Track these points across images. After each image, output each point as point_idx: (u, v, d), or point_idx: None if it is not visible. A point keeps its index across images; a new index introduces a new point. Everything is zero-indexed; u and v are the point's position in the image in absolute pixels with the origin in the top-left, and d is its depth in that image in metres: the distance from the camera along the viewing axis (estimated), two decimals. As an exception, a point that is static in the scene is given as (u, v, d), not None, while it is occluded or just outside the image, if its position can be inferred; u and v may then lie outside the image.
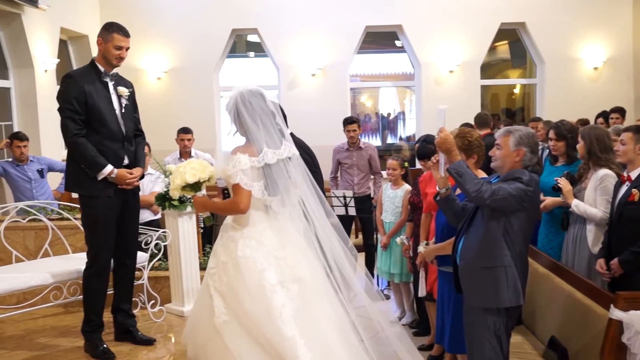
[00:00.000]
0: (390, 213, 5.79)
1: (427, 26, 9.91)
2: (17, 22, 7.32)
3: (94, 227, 4.26)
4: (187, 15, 9.64)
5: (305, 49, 9.84)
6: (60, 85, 4.21)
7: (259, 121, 3.42)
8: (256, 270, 3.31)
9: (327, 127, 9.64)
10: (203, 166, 3.64)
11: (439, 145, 3.42)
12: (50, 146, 7.90)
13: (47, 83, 7.92)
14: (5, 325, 5.06)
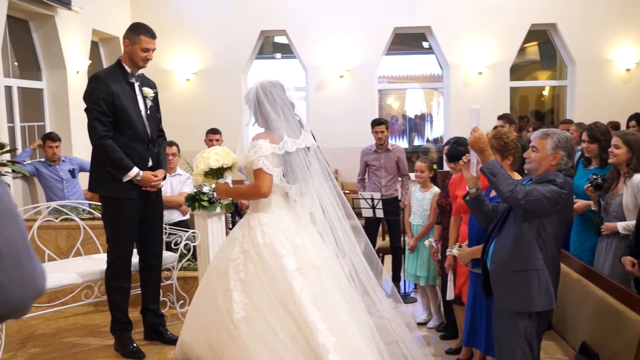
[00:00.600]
0: (419, 215, 5.76)
1: (456, 27, 9.85)
2: (51, 24, 7.42)
3: (116, 229, 4.28)
4: (216, 17, 9.71)
5: (334, 51, 9.84)
6: (88, 86, 4.22)
7: (280, 111, 3.51)
8: (276, 256, 3.37)
9: (354, 128, 9.65)
10: (226, 152, 3.70)
11: (473, 144, 3.39)
12: (81, 146, 7.99)
13: (78, 84, 8.03)
14: (37, 323, 5.13)
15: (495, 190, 3.29)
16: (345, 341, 3.30)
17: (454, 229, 4.71)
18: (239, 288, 3.39)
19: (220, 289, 3.47)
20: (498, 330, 3.47)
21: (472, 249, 4.06)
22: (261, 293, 3.35)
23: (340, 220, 3.63)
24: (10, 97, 6.96)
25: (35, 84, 7.62)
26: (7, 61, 6.78)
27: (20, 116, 7.25)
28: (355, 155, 7.61)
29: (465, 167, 3.63)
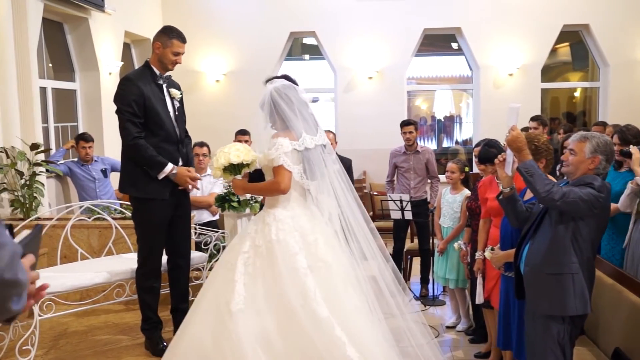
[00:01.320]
0: (449, 218, 5.73)
1: (487, 28, 9.76)
2: (84, 26, 7.54)
3: (147, 229, 4.33)
4: (246, 18, 9.76)
5: (363, 52, 9.82)
6: (119, 88, 4.27)
7: (297, 110, 3.60)
8: (289, 254, 3.38)
9: (383, 130, 9.63)
10: (247, 149, 3.75)
11: (510, 144, 3.37)
12: (113, 147, 8.11)
13: (111, 85, 8.12)
14: (70, 320, 5.22)
15: (532, 190, 3.26)
16: (354, 340, 3.28)
17: (483, 232, 4.67)
18: (244, 281, 3.39)
19: (225, 278, 3.47)
20: (530, 334, 3.43)
21: (505, 252, 4.02)
22: (264, 289, 3.36)
23: (358, 221, 3.66)
24: (45, 98, 7.08)
25: (68, 85, 7.74)
26: (42, 63, 6.91)
27: (54, 117, 7.38)
28: (384, 157, 7.59)
29: (500, 165, 3.60)
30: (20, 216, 5.82)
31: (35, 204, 5.85)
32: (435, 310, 6.32)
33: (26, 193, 5.79)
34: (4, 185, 5.76)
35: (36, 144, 5.89)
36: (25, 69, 6.09)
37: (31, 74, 6.15)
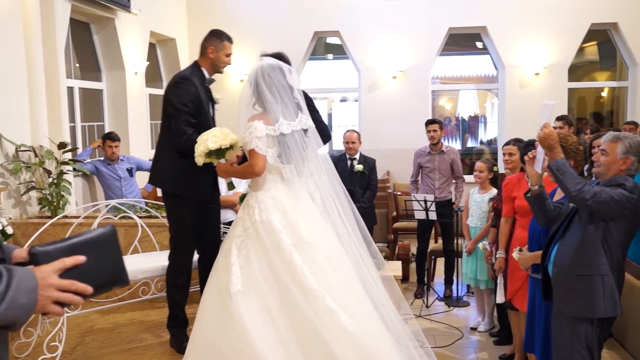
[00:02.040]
0: (476, 218, 5.68)
1: (513, 27, 9.66)
2: (111, 26, 7.61)
3: (182, 227, 4.36)
4: (270, 18, 9.78)
5: (387, 51, 9.79)
6: (176, 86, 4.25)
7: (277, 93, 3.61)
8: (273, 232, 3.44)
9: (407, 130, 9.59)
10: (224, 134, 3.78)
11: (542, 141, 3.34)
12: (138, 146, 8.20)
13: (136, 85, 8.21)
14: (96, 317, 5.27)
15: (562, 189, 3.23)
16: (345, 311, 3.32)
17: (505, 231, 4.64)
18: (240, 263, 3.46)
19: (224, 264, 3.55)
20: (557, 335, 3.39)
21: (534, 253, 3.98)
22: (259, 268, 3.42)
23: (337, 206, 3.71)
24: (72, 98, 7.17)
25: (95, 85, 7.82)
26: (69, 63, 6.99)
27: (80, 116, 7.46)
28: (408, 157, 7.56)
29: (530, 163, 3.57)
30: (47, 214, 5.90)
31: (62, 202, 5.92)
32: (459, 311, 6.29)
33: (54, 191, 5.87)
34: (32, 183, 5.84)
35: (64, 143, 5.96)
36: (53, 69, 6.17)
37: (59, 74, 6.23)
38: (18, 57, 5.76)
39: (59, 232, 5.55)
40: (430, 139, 6.87)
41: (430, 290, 6.63)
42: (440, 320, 5.94)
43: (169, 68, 9.68)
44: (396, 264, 5.68)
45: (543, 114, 3.45)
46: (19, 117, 5.82)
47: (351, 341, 3.24)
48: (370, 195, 6.68)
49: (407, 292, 6.86)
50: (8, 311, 1.29)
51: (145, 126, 8.66)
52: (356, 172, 6.62)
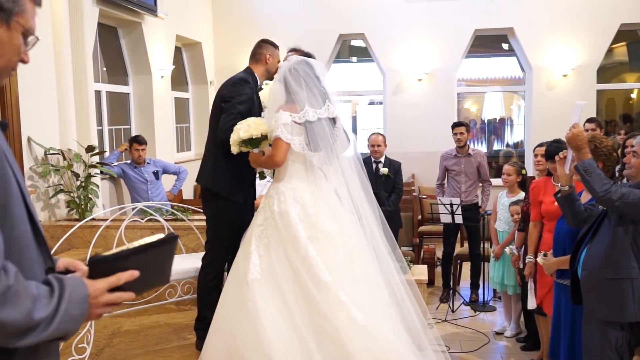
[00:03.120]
0: (504, 222, 5.62)
1: (540, 29, 9.54)
2: (138, 30, 7.68)
3: (222, 229, 4.37)
4: (295, 21, 9.78)
5: (412, 54, 9.73)
6: (234, 86, 4.32)
7: (303, 83, 3.68)
8: (290, 224, 3.49)
9: (432, 132, 9.53)
10: (257, 124, 3.85)
11: (570, 141, 3.31)
12: (164, 149, 8.26)
13: (163, 89, 8.28)
14: (123, 320, 5.31)
15: (589, 189, 3.19)
16: (357, 305, 3.36)
17: (534, 235, 4.59)
18: (259, 252, 3.52)
19: (244, 252, 3.62)
20: (587, 340, 3.34)
21: (558, 259, 3.93)
22: (276, 258, 3.48)
23: (362, 205, 3.73)
24: (100, 102, 7.24)
25: (122, 89, 7.90)
26: (97, 67, 7.06)
27: (108, 119, 7.54)
28: (433, 160, 7.52)
29: (560, 163, 3.53)
30: (76, 217, 5.96)
31: (90, 205, 5.98)
32: (485, 316, 6.22)
33: (82, 194, 5.93)
34: (61, 186, 5.91)
35: (92, 146, 6.03)
36: (81, 73, 6.24)
37: (87, 78, 6.30)
38: (47, 62, 5.83)
39: (86, 234, 5.61)
40: (457, 141, 6.81)
41: (456, 295, 6.57)
42: (466, 325, 5.89)
43: (195, 71, 9.74)
44: (422, 267, 5.65)
45: (574, 114, 3.43)
46: (48, 121, 5.89)
47: (362, 335, 3.28)
48: (396, 198, 6.65)
49: (433, 297, 6.81)
50: (62, 324, 1.29)
51: (171, 129, 8.72)
52: (381, 175, 6.60)
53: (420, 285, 4.82)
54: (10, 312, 1.19)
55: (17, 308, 1.20)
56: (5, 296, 1.18)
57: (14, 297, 1.20)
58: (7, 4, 1.34)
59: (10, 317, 1.18)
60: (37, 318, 1.23)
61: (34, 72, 5.57)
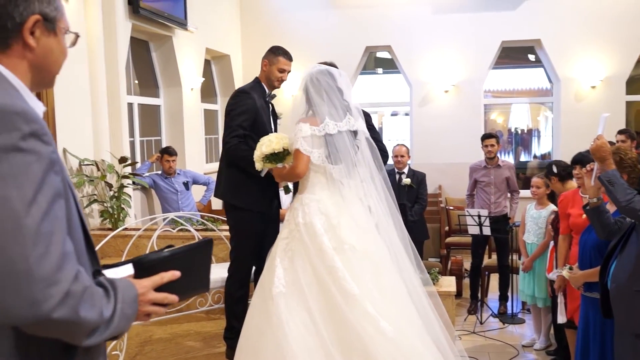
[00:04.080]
0: (533, 234, 5.60)
1: (568, 40, 9.50)
2: (169, 44, 7.83)
3: (243, 239, 4.43)
4: (323, 33, 9.87)
5: (439, 65, 9.75)
6: (233, 99, 4.38)
7: (324, 95, 3.64)
8: (315, 235, 3.47)
9: (459, 144, 9.53)
10: (278, 138, 3.82)
11: (594, 152, 3.32)
12: (194, 160, 8.38)
13: (192, 101, 8.41)
14: (154, 328, 5.39)
15: (612, 200, 3.18)
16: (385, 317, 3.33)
17: (563, 248, 4.57)
18: (284, 265, 3.51)
19: (269, 266, 3.60)
20: (619, 353, 3.32)
21: (585, 272, 3.92)
22: (302, 270, 3.45)
23: (386, 216, 3.71)
24: (132, 114, 7.38)
25: (153, 101, 8.04)
26: (129, 80, 7.21)
27: (139, 131, 7.68)
28: (459, 171, 7.53)
29: (587, 175, 3.54)
30: (109, 226, 6.08)
31: (122, 215, 6.10)
32: (514, 328, 6.19)
33: (115, 204, 6.05)
34: (95, 196, 6.04)
35: (124, 157, 6.15)
36: (115, 86, 6.39)
37: (120, 90, 6.45)
38: (82, 75, 5.98)
39: (119, 244, 5.72)
40: (487, 153, 6.81)
41: (484, 307, 6.54)
42: (494, 337, 5.87)
43: (224, 84, 9.88)
44: (450, 279, 5.64)
45: (599, 126, 3.45)
46: (83, 133, 6.03)
47: (391, 347, 3.24)
48: (419, 209, 6.65)
49: (461, 308, 6.79)
50: (120, 324, 1.36)
51: (200, 140, 8.84)
52: (404, 185, 6.61)
53: (448, 297, 4.83)
54: (89, 311, 1.27)
55: (94, 307, 1.28)
56: (84, 296, 1.26)
57: (91, 297, 1.28)
58: (51, 13, 1.42)
59: (89, 315, 1.26)
60: (105, 317, 1.31)
61: (70, 85, 5.71)
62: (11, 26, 1.36)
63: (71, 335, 1.28)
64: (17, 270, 1.19)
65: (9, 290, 1.20)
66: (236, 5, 10.04)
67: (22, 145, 1.23)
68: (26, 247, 1.20)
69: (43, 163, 1.26)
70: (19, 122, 1.25)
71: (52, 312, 1.21)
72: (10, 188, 1.21)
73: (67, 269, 1.25)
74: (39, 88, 1.50)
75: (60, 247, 1.25)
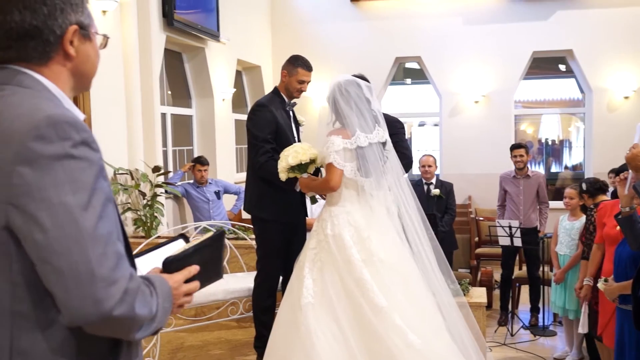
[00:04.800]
0: (565, 245, 5.55)
1: (600, 50, 9.41)
2: (201, 55, 7.95)
3: (268, 249, 4.48)
4: (352, 45, 9.92)
5: (469, 76, 9.73)
6: (252, 113, 4.44)
7: (354, 106, 3.65)
8: (344, 247, 3.48)
9: (489, 154, 9.48)
10: (305, 149, 3.84)
11: (629, 161, 3.30)
12: (225, 169, 8.48)
13: (224, 111, 8.51)
14: (186, 335, 5.47)
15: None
16: (413, 330, 3.33)
17: (595, 258, 4.52)
18: (312, 276, 3.52)
19: (297, 276, 3.62)
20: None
21: (620, 284, 3.88)
22: (330, 281, 3.47)
23: (414, 223, 3.72)
24: (164, 124, 7.51)
25: (185, 111, 8.17)
26: (162, 90, 7.34)
27: (172, 141, 7.80)
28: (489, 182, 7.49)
29: (621, 184, 3.52)
30: (142, 234, 6.18)
31: (155, 223, 6.20)
32: (545, 340, 6.13)
33: (148, 213, 6.15)
34: (129, 205, 6.15)
35: (158, 167, 6.26)
36: (149, 97, 6.51)
37: (154, 101, 6.57)
38: (118, 86, 6.11)
39: (152, 252, 5.79)
40: (516, 163, 6.78)
41: (515, 318, 6.49)
42: (525, 350, 5.82)
43: (254, 94, 9.98)
44: (481, 290, 5.61)
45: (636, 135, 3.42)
46: (118, 142, 6.15)
47: (418, 359, 3.25)
48: (449, 219, 6.64)
49: (491, 320, 6.74)
50: (161, 318, 1.43)
51: (231, 150, 8.94)
52: (433, 196, 6.61)
53: (478, 308, 4.82)
54: (143, 307, 1.34)
55: (146, 303, 1.35)
56: (137, 294, 1.33)
57: (142, 294, 1.35)
58: (85, 20, 1.49)
59: (143, 311, 1.33)
60: (154, 312, 1.38)
61: (106, 97, 5.84)
62: (53, 40, 1.43)
63: (126, 331, 1.35)
64: (80, 272, 1.26)
65: (73, 292, 1.26)
66: (267, 17, 10.16)
67: (74, 152, 1.30)
68: (87, 250, 1.27)
69: (94, 169, 1.33)
70: (71, 130, 1.31)
71: (114, 310, 1.28)
72: (67, 194, 1.27)
73: (123, 268, 1.32)
74: (78, 92, 1.57)
75: (115, 248, 1.32)
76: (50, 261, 1.26)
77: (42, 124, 1.29)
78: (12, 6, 1.39)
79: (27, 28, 1.40)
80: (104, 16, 5.79)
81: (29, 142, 1.27)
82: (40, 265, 1.28)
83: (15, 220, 1.28)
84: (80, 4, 1.47)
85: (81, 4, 1.48)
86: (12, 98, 1.37)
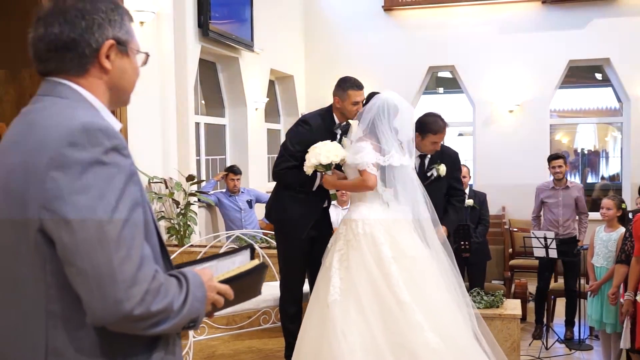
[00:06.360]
0: (602, 257, 5.43)
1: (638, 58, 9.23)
2: (235, 65, 8.02)
3: (288, 259, 4.45)
4: (385, 54, 9.88)
5: (503, 85, 9.63)
6: (295, 125, 4.47)
7: (391, 126, 3.83)
8: (375, 244, 3.61)
9: (524, 164, 9.35)
10: (336, 149, 3.93)
11: None
12: (257, 179, 8.52)
13: (256, 121, 8.56)
14: (217, 344, 5.47)
15: None
16: (434, 327, 3.42)
17: (635, 271, 4.43)
18: (340, 275, 3.63)
19: (324, 277, 3.73)
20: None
21: None
22: (357, 277, 3.57)
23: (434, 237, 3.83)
24: (198, 133, 7.58)
25: (219, 121, 8.24)
26: (196, 100, 7.42)
27: (205, 150, 7.88)
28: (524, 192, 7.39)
29: None
30: (175, 242, 6.23)
31: (189, 231, 6.25)
32: (581, 355, 6.01)
33: (181, 221, 6.20)
34: (162, 213, 6.21)
35: (192, 176, 6.32)
36: (183, 106, 6.59)
37: (188, 110, 6.65)
38: (153, 96, 6.19)
39: (185, 260, 5.83)
40: (555, 174, 6.68)
41: (550, 332, 6.38)
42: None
43: (287, 104, 10.03)
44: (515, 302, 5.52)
45: None
46: (152, 151, 6.23)
47: (435, 358, 3.33)
48: (483, 230, 6.57)
49: (525, 333, 6.63)
50: (193, 304, 1.45)
51: (263, 160, 8.98)
52: (467, 207, 6.54)
53: (513, 320, 4.76)
54: (159, 304, 1.37)
55: (165, 299, 1.39)
56: (159, 292, 1.37)
57: (165, 291, 1.39)
58: (123, 37, 1.55)
59: (157, 308, 1.37)
60: (175, 308, 1.41)
61: (141, 106, 5.90)
62: (89, 52, 1.49)
63: (141, 327, 1.39)
64: (102, 274, 1.32)
65: (96, 293, 1.32)
66: (300, 27, 10.20)
67: (104, 159, 1.36)
68: (110, 252, 1.32)
69: (123, 174, 1.38)
70: (102, 137, 1.37)
71: (134, 310, 1.33)
72: (94, 198, 1.33)
73: (146, 270, 1.37)
74: (116, 106, 1.63)
75: (139, 251, 1.37)
76: (75, 263, 1.32)
77: (75, 131, 1.36)
78: (54, 19, 1.47)
79: (65, 40, 1.47)
80: (142, 27, 5.88)
81: (63, 149, 1.34)
82: (68, 267, 1.34)
83: (48, 223, 1.34)
84: (119, 21, 1.54)
85: (120, 20, 1.54)
86: (51, 108, 1.45)
